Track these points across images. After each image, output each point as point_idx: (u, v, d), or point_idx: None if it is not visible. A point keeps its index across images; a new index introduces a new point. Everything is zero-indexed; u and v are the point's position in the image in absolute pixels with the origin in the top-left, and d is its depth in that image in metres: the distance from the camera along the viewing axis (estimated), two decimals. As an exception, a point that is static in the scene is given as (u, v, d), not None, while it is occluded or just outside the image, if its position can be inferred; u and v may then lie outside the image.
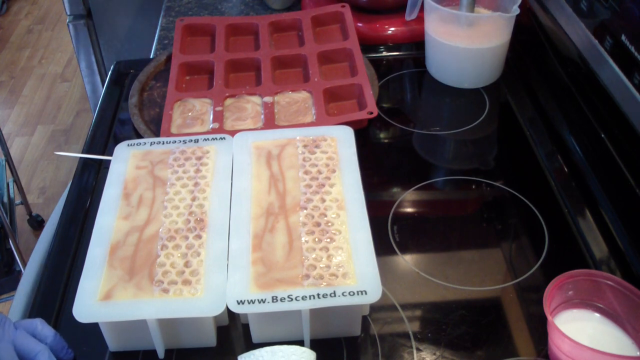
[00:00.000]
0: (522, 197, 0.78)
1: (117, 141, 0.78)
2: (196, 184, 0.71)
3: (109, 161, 0.76)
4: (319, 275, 0.61)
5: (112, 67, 1.04)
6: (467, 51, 0.93)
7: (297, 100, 0.90)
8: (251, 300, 0.59)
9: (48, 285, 0.71)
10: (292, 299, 0.59)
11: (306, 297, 0.59)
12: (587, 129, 0.82)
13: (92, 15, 1.79)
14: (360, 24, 1.04)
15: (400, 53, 1.04)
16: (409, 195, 0.80)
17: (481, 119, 0.91)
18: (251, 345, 0.63)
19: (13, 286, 1.79)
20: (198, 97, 0.91)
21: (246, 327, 0.64)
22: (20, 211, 2.10)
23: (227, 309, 0.59)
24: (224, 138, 0.77)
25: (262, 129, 0.85)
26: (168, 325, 0.61)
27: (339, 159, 0.73)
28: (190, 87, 0.96)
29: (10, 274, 1.81)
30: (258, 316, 0.61)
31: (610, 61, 0.73)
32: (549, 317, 0.57)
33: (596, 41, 0.76)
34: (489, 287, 0.68)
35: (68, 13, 1.79)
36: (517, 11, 0.89)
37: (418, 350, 0.63)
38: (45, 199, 2.26)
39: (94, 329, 0.62)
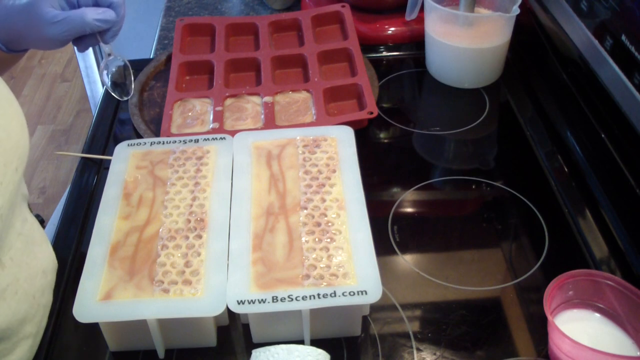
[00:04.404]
0: (522, 197, 0.78)
1: (117, 141, 0.78)
2: (196, 184, 0.71)
3: (109, 161, 0.76)
4: (319, 275, 0.61)
5: (112, 67, 1.04)
6: (467, 51, 0.93)
7: (297, 100, 0.90)
8: (251, 300, 0.59)
9: (48, 285, 0.71)
10: (292, 299, 0.59)
11: (306, 297, 0.59)
12: (587, 129, 0.82)
13: (92, 15, 1.79)
14: (360, 24, 1.04)
15: (400, 53, 1.04)
16: (409, 195, 0.80)
17: (481, 119, 0.91)
18: (251, 345, 0.63)
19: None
20: (198, 97, 0.91)
21: (246, 327, 0.64)
22: (20, 211, 2.10)
23: (227, 309, 0.59)
24: (224, 138, 0.77)
25: (262, 129, 0.85)
26: (168, 325, 0.61)
27: (339, 159, 0.73)
28: (190, 87, 0.96)
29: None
30: (258, 316, 0.61)
31: (610, 61, 0.73)
32: (549, 317, 0.57)
33: (596, 41, 0.76)
34: (489, 287, 0.68)
35: (68, 13, 1.79)
36: (517, 11, 0.89)
37: (418, 350, 0.63)
38: (45, 199, 2.26)
39: (94, 329, 0.62)
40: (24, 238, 0.63)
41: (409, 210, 0.79)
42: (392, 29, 1.05)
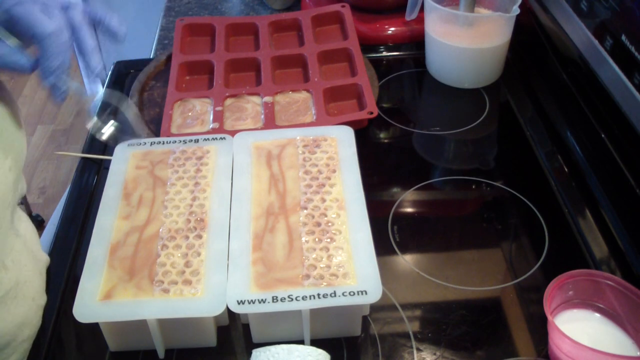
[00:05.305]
0: (522, 197, 0.78)
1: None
2: (196, 184, 0.71)
3: (109, 161, 0.76)
4: (319, 275, 0.61)
5: (112, 67, 1.04)
6: (467, 51, 0.93)
7: (297, 100, 0.90)
8: (251, 300, 0.59)
9: (48, 285, 0.71)
10: (292, 299, 0.59)
11: (306, 297, 0.59)
12: (587, 129, 0.82)
13: (92, 15, 1.79)
14: (360, 24, 1.04)
15: (400, 53, 1.04)
16: (409, 195, 0.80)
17: (481, 119, 0.91)
18: (251, 345, 0.63)
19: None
20: (198, 97, 0.91)
21: (246, 327, 0.64)
22: (20, 211, 2.10)
23: (227, 309, 0.59)
24: (224, 138, 0.77)
25: (262, 129, 0.85)
26: (168, 325, 0.61)
27: (339, 159, 0.73)
28: (190, 87, 0.96)
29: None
30: (258, 316, 0.61)
31: (610, 61, 0.73)
32: (549, 317, 0.57)
33: (596, 41, 0.76)
34: (489, 287, 0.68)
35: (68, 13, 1.79)
36: (517, 11, 0.89)
37: (418, 350, 0.63)
38: (45, 199, 2.26)
39: (94, 329, 0.62)
40: (22, 239, 0.63)
41: (409, 210, 0.79)
42: (392, 29, 1.05)
